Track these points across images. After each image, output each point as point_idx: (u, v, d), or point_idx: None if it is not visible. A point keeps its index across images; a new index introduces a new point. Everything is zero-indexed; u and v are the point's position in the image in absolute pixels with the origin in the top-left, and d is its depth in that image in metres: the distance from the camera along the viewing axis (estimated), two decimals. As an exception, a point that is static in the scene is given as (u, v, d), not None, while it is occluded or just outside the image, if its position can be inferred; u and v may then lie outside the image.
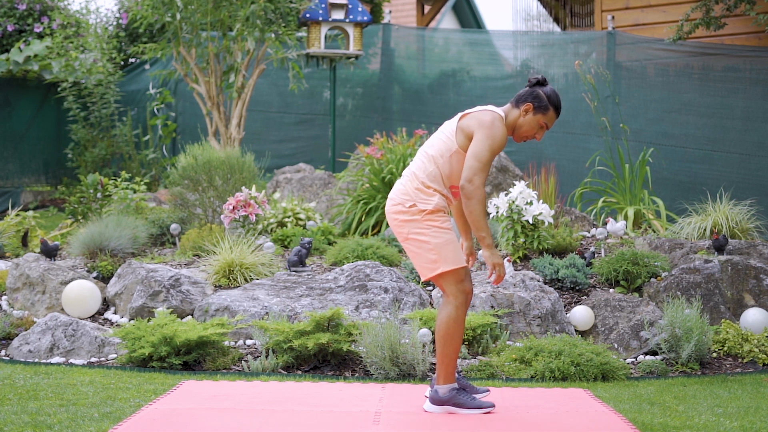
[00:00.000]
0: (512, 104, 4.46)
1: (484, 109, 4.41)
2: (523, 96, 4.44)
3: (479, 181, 4.23)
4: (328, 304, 6.23)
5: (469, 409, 4.42)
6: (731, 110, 9.22)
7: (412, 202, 4.37)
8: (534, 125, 4.43)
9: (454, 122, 4.45)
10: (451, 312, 4.33)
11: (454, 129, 4.41)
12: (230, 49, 9.78)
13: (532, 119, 4.42)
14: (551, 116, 4.43)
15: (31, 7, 11.80)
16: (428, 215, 4.34)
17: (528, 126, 4.43)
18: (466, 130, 4.36)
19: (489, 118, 4.34)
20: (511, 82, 10.68)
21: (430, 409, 4.48)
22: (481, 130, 4.31)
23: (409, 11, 16.65)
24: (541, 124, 4.43)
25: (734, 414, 4.62)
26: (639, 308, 6.33)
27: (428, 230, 4.33)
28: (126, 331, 5.72)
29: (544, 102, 4.41)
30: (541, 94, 4.42)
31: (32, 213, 8.40)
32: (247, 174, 8.22)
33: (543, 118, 4.42)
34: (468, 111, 4.44)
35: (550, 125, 4.46)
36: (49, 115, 11.81)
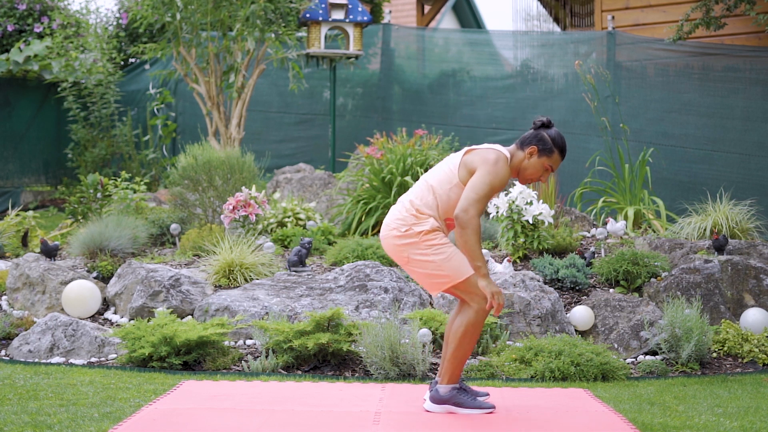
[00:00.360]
0: (517, 146, 4.47)
1: (490, 147, 4.41)
2: (528, 138, 4.45)
3: (474, 211, 4.22)
4: (328, 304, 6.23)
5: (470, 409, 4.42)
6: (731, 110, 9.22)
7: (407, 227, 4.37)
8: (539, 168, 4.42)
9: (458, 156, 4.44)
10: (471, 316, 4.34)
11: (457, 163, 4.41)
12: (230, 49, 9.78)
13: (537, 162, 4.42)
14: (556, 159, 4.43)
15: (31, 7, 11.80)
16: (425, 235, 4.34)
17: (533, 169, 4.42)
18: (470, 165, 4.36)
19: (494, 156, 4.34)
20: (511, 82, 10.68)
21: (430, 408, 4.48)
22: (485, 166, 4.31)
23: (409, 11, 16.66)
24: (546, 166, 4.43)
25: (734, 414, 4.62)
26: (639, 308, 6.33)
27: (428, 249, 4.34)
28: (126, 331, 5.72)
29: (549, 145, 4.42)
30: (546, 137, 4.43)
31: (32, 213, 8.40)
32: (247, 174, 8.22)
33: (548, 161, 4.42)
34: (474, 147, 4.44)
35: (556, 167, 4.46)
36: (49, 115, 11.81)
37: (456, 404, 4.44)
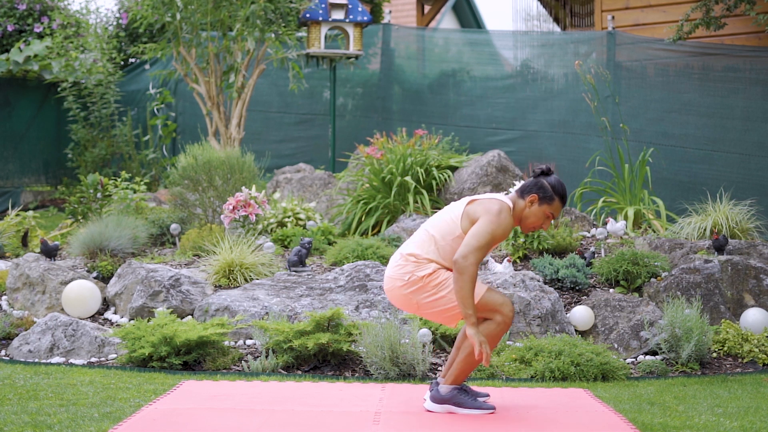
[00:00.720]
0: (518, 194, 4.46)
1: (492, 197, 4.40)
2: (528, 187, 4.44)
3: (474, 259, 4.21)
4: (328, 304, 6.23)
5: (470, 409, 4.42)
6: (731, 110, 9.22)
7: (409, 274, 4.37)
8: (540, 216, 4.42)
9: (460, 206, 4.44)
10: (491, 327, 4.34)
11: (460, 213, 4.40)
12: (230, 49, 9.78)
13: (538, 210, 4.41)
14: (557, 206, 4.43)
15: (31, 7, 11.80)
16: (429, 277, 4.36)
17: (534, 217, 4.42)
18: (472, 216, 4.35)
19: (497, 207, 4.34)
20: (511, 82, 10.68)
21: (430, 407, 4.48)
22: (487, 216, 4.31)
23: (409, 11, 16.66)
24: (548, 214, 4.42)
25: (734, 414, 4.62)
26: (639, 308, 6.33)
27: (436, 288, 4.35)
28: (126, 331, 5.72)
29: (549, 192, 4.41)
30: (546, 185, 4.42)
31: (32, 213, 8.40)
32: (247, 174, 8.22)
33: (549, 209, 4.42)
34: (476, 197, 4.43)
35: (557, 215, 4.46)
36: (49, 115, 11.81)
37: (456, 404, 4.44)
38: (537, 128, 10.31)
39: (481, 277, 6.63)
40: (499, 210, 4.32)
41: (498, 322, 4.33)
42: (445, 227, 4.40)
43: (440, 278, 4.35)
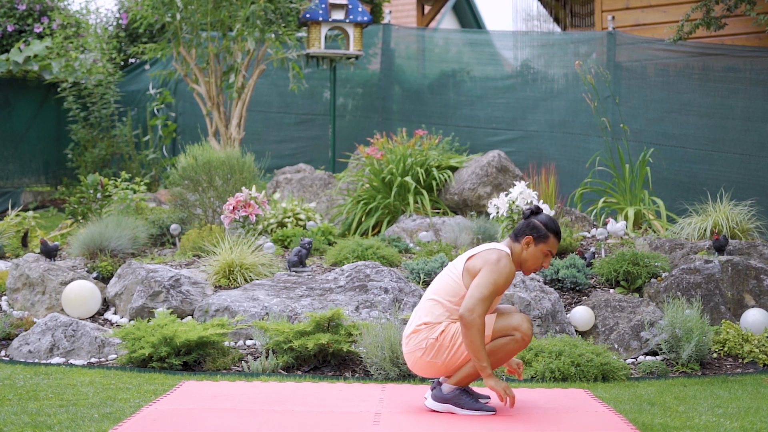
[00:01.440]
0: (512, 239, 4.48)
1: (489, 248, 4.42)
2: (521, 230, 4.45)
3: (480, 311, 4.22)
4: (329, 305, 6.23)
5: (470, 410, 4.42)
6: (731, 110, 9.22)
7: (425, 341, 4.40)
8: (539, 256, 4.43)
9: (460, 264, 4.44)
10: (508, 342, 4.36)
11: (460, 272, 4.41)
12: (230, 50, 9.78)
13: (535, 250, 4.43)
14: (553, 242, 4.44)
15: (31, 8, 11.80)
16: (442, 334, 4.38)
17: (533, 258, 4.43)
18: (473, 270, 4.37)
19: (495, 256, 4.35)
20: (511, 82, 10.68)
21: (431, 405, 4.49)
22: (488, 266, 4.32)
23: (409, 11, 16.66)
24: (545, 252, 4.44)
25: (735, 414, 4.62)
26: (639, 309, 6.33)
27: (452, 340, 4.37)
28: (126, 331, 5.71)
29: (542, 231, 4.43)
30: (539, 225, 4.43)
31: (32, 213, 8.40)
32: (247, 174, 8.21)
33: (545, 247, 4.43)
34: (474, 252, 4.44)
35: (554, 251, 4.47)
36: (49, 116, 11.80)
37: (457, 404, 4.44)
38: (537, 128, 10.31)
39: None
40: (497, 258, 4.34)
41: (517, 339, 4.36)
42: (449, 288, 4.42)
43: (453, 330, 4.37)
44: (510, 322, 4.37)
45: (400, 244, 7.66)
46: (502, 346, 4.37)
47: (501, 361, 4.42)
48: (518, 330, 4.35)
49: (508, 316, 4.39)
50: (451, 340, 4.36)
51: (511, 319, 4.38)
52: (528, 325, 4.37)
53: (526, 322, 4.37)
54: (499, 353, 4.38)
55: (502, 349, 4.37)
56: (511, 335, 4.36)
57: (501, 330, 4.36)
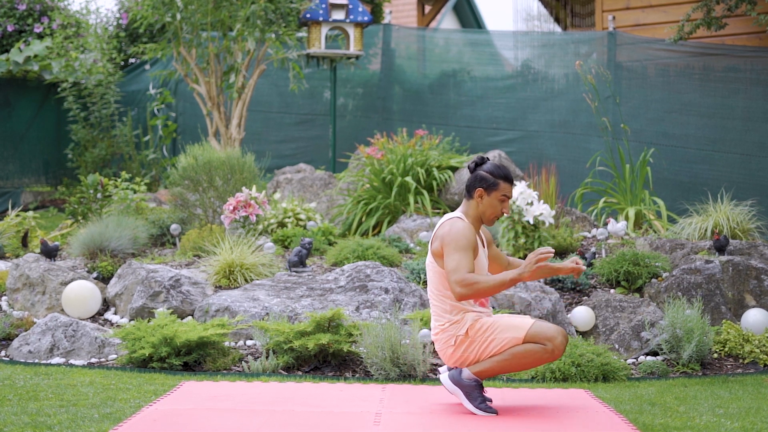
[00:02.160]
0: (466, 198, 4.49)
1: (441, 223, 4.44)
2: (470, 185, 4.46)
3: (464, 278, 4.19)
4: (329, 305, 6.23)
5: (475, 407, 4.41)
6: (732, 110, 9.22)
7: (453, 338, 4.40)
8: (495, 204, 4.44)
9: (428, 254, 4.48)
10: (538, 350, 4.32)
11: (433, 260, 4.45)
12: (230, 50, 9.78)
13: (490, 199, 4.43)
14: (504, 187, 4.43)
15: (31, 8, 11.80)
16: (471, 329, 4.38)
17: (490, 208, 4.44)
18: (438, 252, 4.39)
19: (446, 228, 4.37)
20: (512, 82, 10.68)
21: (444, 382, 4.47)
22: (445, 241, 4.33)
23: (410, 11, 16.65)
24: (500, 198, 4.44)
25: (735, 415, 4.61)
26: (640, 309, 6.33)
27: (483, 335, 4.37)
28: (126, 331, 5.71)
29: (491, 180, 4.43)
30: (485, 175, 4.44)
31: (32, 213, 8.39)
32: (247, 174, 8.21)
33: (498, 193, 4.43)
34: (432, 236, 4.46)
35: (510, 195, 4.46)
36: (49, 116, 11.80)
37: (467, 395, 4.42)
38: (537, 128, 10.30)
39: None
40: (449, 228, 4.35)
41: (547, 349, 4.31)
42: (436, 280, 4.44)
43: (480, 324, 4.38)
44: (546, 331, 4.32)
45: (400, 244, 7.66)
46: (532, 353, 4.32)
47: (525, 367, 4.39)
48: (552, 341, 4.30)
49: (546, 326, 4.34)
50: (482, 335, 4.36)
51: (547, 329, 4.33)
52: (562, 339, 4.31)
53: (561, 336, 4.32)
54: (527, 359, 4.33)
55: (530, 355, 4.33)
56: (543, 345, 4.31)
57: (534, 336, 4.31)
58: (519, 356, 4.34)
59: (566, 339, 4.34)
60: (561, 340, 4.31)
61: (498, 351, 4.37)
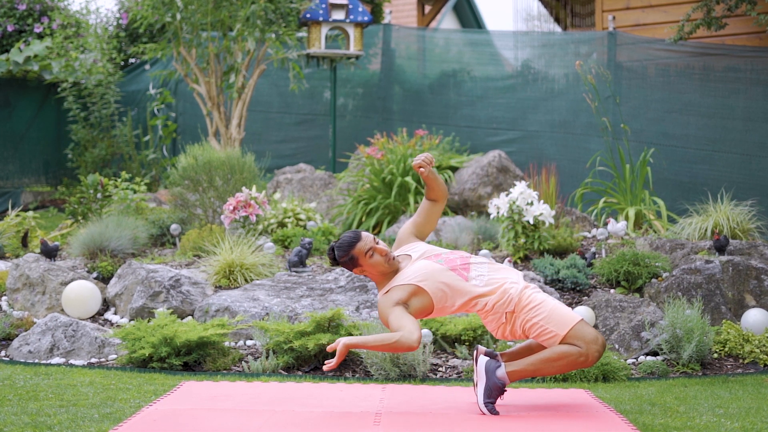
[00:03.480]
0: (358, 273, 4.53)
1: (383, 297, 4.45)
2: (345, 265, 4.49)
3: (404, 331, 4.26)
4: (329, 305, 6.23)
5: (483, 404, 4.39)
6: (732, 110, 9.22)
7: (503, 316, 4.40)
8: (371, 259, 4.44)
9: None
10: (573, 352, 4.30)
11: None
12: (230, 50, 9.78)
13: (367, 262, 4.44)
14: (359, 248, 4.43)
15: (31, 8, 11.80)
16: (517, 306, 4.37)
17: (374, 264, 4.45)
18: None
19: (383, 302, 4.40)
20: (512, 82, 10.68)
21: (480, 364, 4.42)
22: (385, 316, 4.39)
23: (410, 11, 16.64)
24: (367, 255, 4.43)
25: (735, 415, 4.61)
26: (640, 309, 6.33)
27: (528, 313, 4.36)
28: (126, 331, 5.71)
29: (348, 255, 4.45)
30: (344, 258, 4.47)
31: (32, 213, 8.39)
32: (247, 174, 8.21)
33: (360, 253, 4.43)
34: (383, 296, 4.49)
35: (367, 246, 4.43)
36: (49, 116, 11.80)
37: (487, 390, 4.38)
38: (538, 128, 10.30)
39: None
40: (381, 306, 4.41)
41: (582, 353, 4.28)
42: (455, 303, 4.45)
43: (528, 300, 4.37)
44: (586, 335, 4.29)
45: (400, 245, 7.65)
46: (567, 355, 4.29)
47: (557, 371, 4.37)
48: (589, 346, 4.27)
49: (588, 329, 4.31)
50: (526, 309, 4.35)
51: (588, 332, 4.30)
52: (599, 347, 4.28)
53: (600, 343, 4.28)
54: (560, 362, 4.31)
55: (565, 358, 4.30)
56: (579, 348, 4.29)
57: (574, 337, 4.28)
58: (553, 359, 4.32)
59: (603, 347, 4.30)
60: (598, 348, 4.29)
61: (536, 335, 4.35)
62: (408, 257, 4.54)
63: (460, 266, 4.46)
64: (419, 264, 4.46)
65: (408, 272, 4.43)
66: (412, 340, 4.20)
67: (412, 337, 4.20)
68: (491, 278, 4.44)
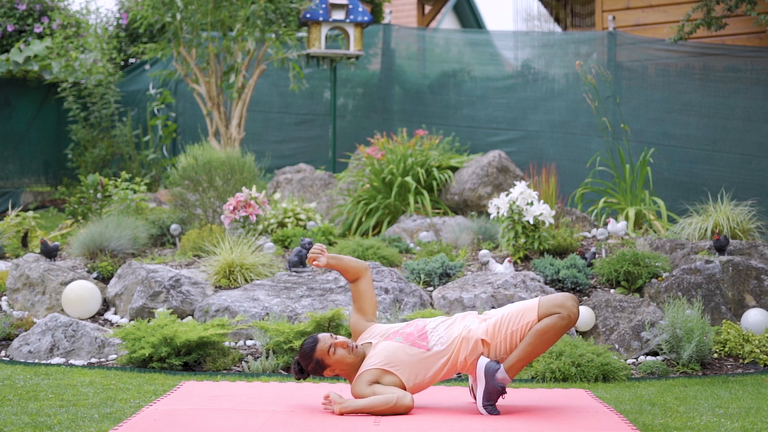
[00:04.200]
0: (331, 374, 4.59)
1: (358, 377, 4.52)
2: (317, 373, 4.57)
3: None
4: (329, 305, 6.23)
5: (482, 406, 4.39)
6: (732, 110, 9.22)
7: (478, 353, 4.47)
8: (336, 358, 4.50)
9: None
10: (555, 320, 4.36)
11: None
12: (230, 50, 9.78)
13: (332, 360, 4.51)
14: (321, 349, 4.51)
15: (31, 8, 11.80)
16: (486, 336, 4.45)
17: (339, 361, 4.51)
18: None
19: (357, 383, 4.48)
20: (512, 82, 10.68)
21: (480, 366, 4.44)
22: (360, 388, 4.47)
23: (410, 11, 16.65)
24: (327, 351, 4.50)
25: (735, 415, 4.61)
26: (640, 309, 6.33)
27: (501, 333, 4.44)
28: (126, 331, 5.71)
29: (312, 360, 4.53)
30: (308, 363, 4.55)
31: (32, 213, 8.39)
32: (247, 174, 8.21)
33: (323, 353, 4.50)
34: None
35: (327, 344, 4.50)
36: (50, 116, 11.80)
37: (486, 392, 4.40)
38: (538, 128, 10.30)
39: (481, 277, 6.63)
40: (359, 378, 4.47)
41: (563, 316, 4.35)
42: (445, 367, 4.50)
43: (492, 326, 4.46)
44: (555, 300, 4.40)
45: (400, 245, 7.66)
46: (551, 325, 4.36)
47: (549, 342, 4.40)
48: (564, 308, 4.36)
49: (553, 296, 4.43)
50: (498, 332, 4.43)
51: (555, 297, 4.41)
52: (573, 302, 4.38)
53: (571, 300, 4.39)
54: (548, 334, 4.36)
55: (550, 328, 4.36)
56: (558, 313, 4.36)
57: (547, 310, 4.37)
58: (540, 334, 4.36)
59: (576, 301, 4.40)
60: (572, 303, 4.38)
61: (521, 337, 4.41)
62: (369, 344, 4.59)
63: (417, 338, 4.51)
64: (380, 346, 4.52)
65: (372, 357, 4.49)
66: (408, 399, 4.35)
67: (407, 397, 4.35)
68: (449, 335, 4.50)
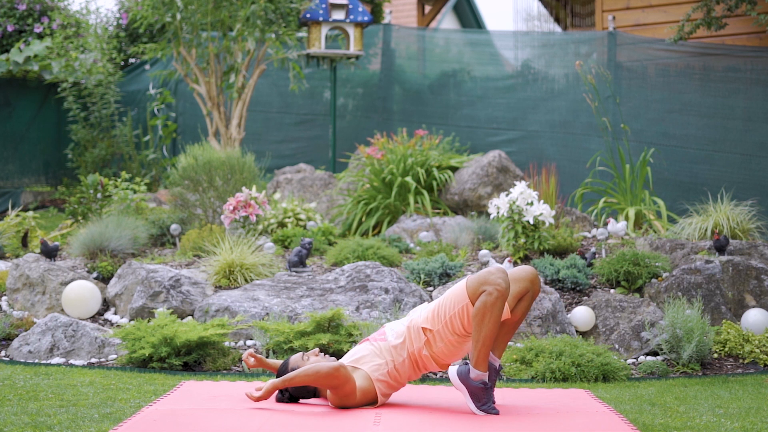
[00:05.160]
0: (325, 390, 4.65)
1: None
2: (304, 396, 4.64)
3: None
4: (329, 305, 6.23)
5: (477, 408, 4.39)
6: (732, 110, 9.22)
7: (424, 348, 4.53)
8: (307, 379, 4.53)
9: None
10: (484, 298, 4.30)
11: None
12: (230, 50, 9.78)
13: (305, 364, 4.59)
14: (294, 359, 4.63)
15: (31, 8, 11.80)
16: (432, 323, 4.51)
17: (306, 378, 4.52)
18: None
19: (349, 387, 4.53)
20: (512, 82, 10.68)
21: (452, 376, 4.46)
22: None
23: (410, 11, 16.65)
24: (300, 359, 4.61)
25: (735, 415, 4.61)
26: (640, 309, 6.33)
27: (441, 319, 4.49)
28: (126, 331, 5.71)
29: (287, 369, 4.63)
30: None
31: (32, 213, 8.39)
32: (247, 174, 8.21)
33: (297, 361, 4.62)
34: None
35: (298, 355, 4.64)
36: (49, 116, 11.80)
37: (472, 396, 4.40)
38: (538, 128, 10.30)
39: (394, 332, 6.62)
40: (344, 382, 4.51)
41: (491, 293, 4.29)
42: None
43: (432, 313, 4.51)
44: (479, 278, 4.35)
45: (400, 245, 7.66)
46: (484, 306, 4.29)
47: (494, 322, 4.31)
48: (489, 283, 4.30)
49: (476, 275, 4.38)
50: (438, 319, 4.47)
51: (478, 276, 4.36)
52: (496, 274, 4.31)
53: (493, 274, 4.32)
54: (486, 315, 4.29)
55: (485, 309, 4.28)
56: (486, 291, 4.29)
57: (474, 292, 4.33)
58: (479, 319, 4.30)
59: (501, 270, 4.32)
60: (495, 276, 4.29)
61: (463, 321, 4.40)
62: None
63: (377, 335, 4.63)
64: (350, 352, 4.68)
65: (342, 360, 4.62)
66: (330, 364, 4.37)
67: (329, 362, 4.40)
68: (401, 329, 4.58)
